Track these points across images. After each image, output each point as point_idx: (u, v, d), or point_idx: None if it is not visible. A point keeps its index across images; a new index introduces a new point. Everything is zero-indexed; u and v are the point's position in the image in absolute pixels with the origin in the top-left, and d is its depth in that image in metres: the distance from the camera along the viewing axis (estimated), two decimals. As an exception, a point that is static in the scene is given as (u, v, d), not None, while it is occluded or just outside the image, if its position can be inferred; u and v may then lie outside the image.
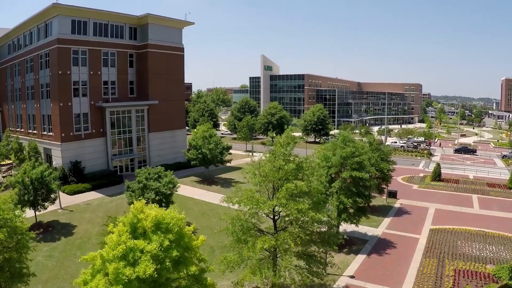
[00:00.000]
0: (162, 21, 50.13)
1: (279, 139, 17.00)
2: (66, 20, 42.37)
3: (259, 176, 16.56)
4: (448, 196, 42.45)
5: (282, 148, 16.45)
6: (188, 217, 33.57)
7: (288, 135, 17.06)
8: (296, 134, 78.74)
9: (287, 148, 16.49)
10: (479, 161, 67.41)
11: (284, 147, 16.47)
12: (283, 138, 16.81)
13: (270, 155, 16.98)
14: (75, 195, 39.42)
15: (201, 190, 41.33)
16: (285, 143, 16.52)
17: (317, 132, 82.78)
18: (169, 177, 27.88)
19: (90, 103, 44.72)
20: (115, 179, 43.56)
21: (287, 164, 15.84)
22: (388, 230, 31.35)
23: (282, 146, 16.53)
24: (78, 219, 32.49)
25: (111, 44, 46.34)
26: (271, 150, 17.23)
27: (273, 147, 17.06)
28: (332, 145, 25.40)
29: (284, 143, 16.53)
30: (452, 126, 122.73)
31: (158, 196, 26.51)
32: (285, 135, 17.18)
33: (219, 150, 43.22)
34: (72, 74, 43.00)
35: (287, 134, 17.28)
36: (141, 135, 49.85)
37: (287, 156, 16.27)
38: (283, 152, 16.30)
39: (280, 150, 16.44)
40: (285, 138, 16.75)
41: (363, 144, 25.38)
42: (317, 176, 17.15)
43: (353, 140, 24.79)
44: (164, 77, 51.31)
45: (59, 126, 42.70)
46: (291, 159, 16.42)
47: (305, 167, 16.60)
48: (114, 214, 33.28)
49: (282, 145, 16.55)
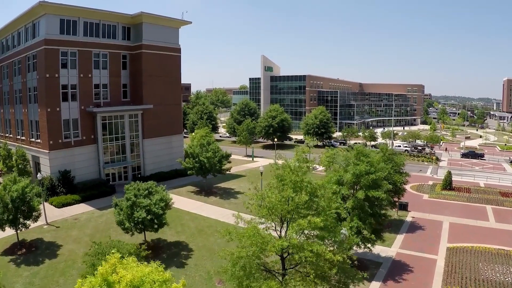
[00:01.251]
0: (157, 20, 47.30)
1: (289, 163, 14.21)
2: (54, 19, 39.56)
3: (265, 208, 13.76)
4: (461, 207, 40.01)
5: (293, 174, 13.68)
6: (184, 235, 31.13)
7: (299, 157, 14.26)
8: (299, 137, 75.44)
9: (299, 173, 13.71)
10: (488, 166, 64.96)
11: (295, 172, 13.72)
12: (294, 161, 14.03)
13: (277, 181, 14.20)
14: (63, 207, 36.71)
15: (198, 203, 38.55)
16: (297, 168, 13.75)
17: (320, 135, 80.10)
18: (161, 194, 25.12)
19: (80, 108, 41.92)
20: (106, 189, 40.79)
21: (298, 195, 13.11)
22: (402, 250, 28.71)
23: (293, 171, 13.79)
24: (64, 238, 29.74)
25: (103, 45, 43.51)
26: (278, 175, 14.41)
27: (281, 171, 14.32)
28: (344, 159, 22.68)
29: (295, 168, 13.77)
30: (455, 128, 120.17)
31: (150, 215, 23.76)
32: (296, 157, 14.38)
33: (218, 159, 40.48)
34: (60, 77, 40.19)
35: (299, 156, 14.48)
36: (135, 142, 47.03)
37: (298, 183, 13.49)
38: (293, 179, 13.53)
39: (290, 176, 13.67)
40: (296, 161, 13.96)
41: (379, 159, 22.63)
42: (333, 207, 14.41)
43: (368, 155, 22.01)
44: (160, 79, 48.51)
45: (46, 133, 39.93)
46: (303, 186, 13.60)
47: (320, 196, 13.87)
48: (103, 231, 30.77)
49: (293, 170, 13.81)
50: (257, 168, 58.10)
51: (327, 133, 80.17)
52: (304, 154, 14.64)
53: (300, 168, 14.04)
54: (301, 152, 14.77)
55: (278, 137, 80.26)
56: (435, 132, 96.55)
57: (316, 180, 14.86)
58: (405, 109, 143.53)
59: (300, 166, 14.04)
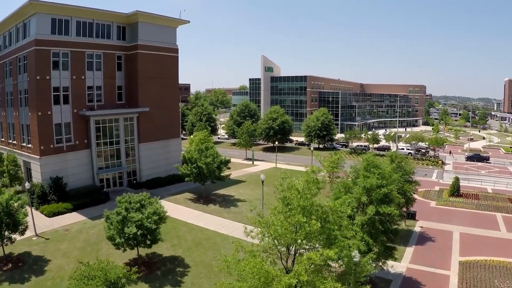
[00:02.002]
0: (153, 19, 45.44)
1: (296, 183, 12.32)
2: (45, 19, 37.69)
3: (269, 237, 11.94)
4: (470, 215, 38.41)
5: (301, 198, 11.82)
6: (180, 249, 29.19)
7: (309, 178, 12.39)
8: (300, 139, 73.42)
9: (308, 196, 11.86)
10: (494, 170, 63.28)
11: (304, 195, 11.89)
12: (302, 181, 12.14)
13: (283, 205, 12.33)
14: (54, 217, 34.90)
15: (196, 212, 36.71)
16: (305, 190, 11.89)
17: (322, 138, 78.30)
18: (154, 206, 23.32)
19: (72, 112, 40.06)
20: (100, 197, 38.98)
21: (308, 223, 11.29)
22: (412, 264, 27.00)
23: (301, 194, 11.96)
24: (53, 251, 27.95)
25: (97, 45, 41.64)
26: (284, 198, 12.52)
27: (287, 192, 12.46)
28: (353, 171, 20.89)
29: (304, 190, 11.92)
30: (458, 129, 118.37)
31: (141, 231, 21.98)
32: (305, 177, 12.50)
33: (217, 165, 38.67)
34: (52, 79, 38.33)
35: (308, 175, 12.61)
36: (130, 146, 45.18)
37: (307, 208, 11.66)
38: (302, 204, 11.68)
39: (298, 201, 11.83)
40: (304, 182, 12.08)
41: (390, 170, 20.84)
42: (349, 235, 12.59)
43: (379, 166, 20.22)
44: (156, 81, 46.68)
45: (37, 138, 38.09)
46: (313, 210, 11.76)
47: (332, 222, 12.06)
48: (94, 244, 28.96)
49: (300, 191, 11.98)
50: (257, 172, 56.37)
51: (329, 135, 78.37)
52: (314, 172, 12.75)
53: (310, 190, 12.20)
54: (311, 171, 12.91)
55: (279, 140, 78.48)
56: (438, 134, 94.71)
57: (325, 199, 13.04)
58: (407, 110, 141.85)
59: (309, 188, 12.20)
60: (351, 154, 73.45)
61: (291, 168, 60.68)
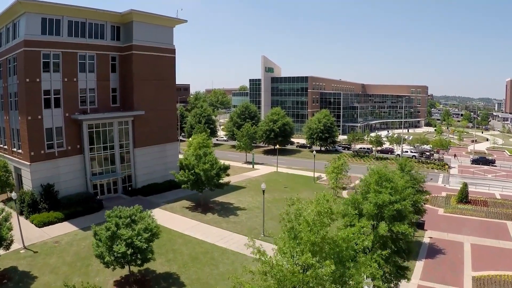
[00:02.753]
0: (149, 18, 43.63)
1: (305, 214, 10.44)
2: (35, 18, 35.91)
3: (272, 280, 10.14)
4: (480, 224, 36.74)
5: (311, 232, 10.01)
6: (175, 264, 27.27)
7: (321, 208, 10.47)
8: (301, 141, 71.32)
9: (320, 231, 10.01)
10: (500, 174, 61.49)
11: (315, 228, 10.07)
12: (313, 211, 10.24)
13: (289, 238, 10.45)
14: (44, 227, 33.16)
15: (193, 221, 34.88)
16: (316, 222, 10.04)
17: (324, 140, 76.51)
18: (146, 221, 21.54)
19: (64, 116, 38.31)
20: (93, 205, 37.21)
21: (321, 264, 9.50)
22: (424, 282, 25.22)
23: (311, 226, 10.14)
24: (41, 266, 26.20)
25: (90, 46, 39.86)
26: (291, 229, 10.68)
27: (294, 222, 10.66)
28: (364, 184, 19.12)
29: (315, 222, 10.07)
30: (461, 130, 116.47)
31: (131, 249, 20.21)
32: (315, 207, 10.58)
33: (215, 171, 36.89)
34: (42, 82, 36.56)
35: (320, 204, 10.68)
36: (125, 151, 43.39)
37: (318, 243, 9.85)
38: (312, 240, 9.87)
39: (307, 235, 10.02)
40: (315, 212, 10.17)
41: (404, 184, 19.04)
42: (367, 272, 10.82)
43: (391, 179, 18.45)
44: (152, 83, 44.91)
45: (27, 143, 36.36)
46: (324, 245, 9.96)
47: (347, 260, 10.24)
48: (84, 258, 27.18)
49: (310, 223, 10.14)
50: (258, 177, 54.62)
51: (331, 137, 76.59)
52: (328, 199, 10.79)
53: (322, 223, 10.35)
54: (323, 197, 10.99)
55: (280, 142, 76.72)
56: (442, 135, 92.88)
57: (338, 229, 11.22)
58: (409, 111, 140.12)
59: (321, 221, 10.34)
60: (354, 157, 71.65)
61: (293, 172, 58.97)
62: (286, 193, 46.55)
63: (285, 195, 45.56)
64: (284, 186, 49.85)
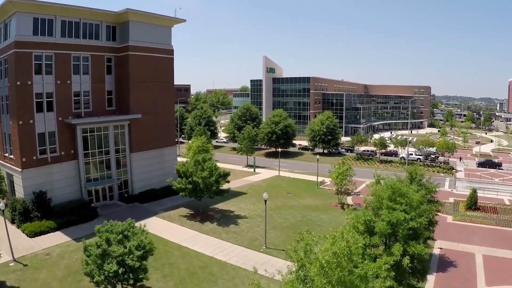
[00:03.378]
0: (146, 18, 42.04)
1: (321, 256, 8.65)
2: (26, 18, 34.38)
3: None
4: (491, 232, 35.20)
5: (324, 276, 8.31)
6: (171, 281, 25.54)
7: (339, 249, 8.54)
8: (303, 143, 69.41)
9: (335, 274, 8.29)
10: (508, 178, 59.80)
11: (330, 270, 8.41)
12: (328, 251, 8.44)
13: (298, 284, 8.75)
14: (36, 237, 31.66)
15: (191, 232, 33.23)
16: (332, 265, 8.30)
17: (326, 143, 74.87)
18: (139, 237, 19.95)
19: (57, 120, 36.78)
20: (87, 213, 35.66)
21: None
22: (437, 299, 23.65)
23: (325, 268, 8.47)
24: (30, 281, 24.68)
25: (84, 47, 38.31)
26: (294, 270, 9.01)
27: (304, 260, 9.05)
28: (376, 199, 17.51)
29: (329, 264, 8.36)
30: (465, 132, 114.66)
31: (122, 268, 18.64)
32: (332, 246, 8.71)
33: (215, 178, 35.29)
34: (34, 85, 35.04)
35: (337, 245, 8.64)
36: (121, 156, 41.81)
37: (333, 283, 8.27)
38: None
39: (321, 281, 8.36)
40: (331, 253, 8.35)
41: (419, 198, 17.41)
42: None
43: (406, 194, 16.83)
44: (149, 85, 43.33)
45: (19, 149, 34.85)
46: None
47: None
48: (76, 273, 25.57)
49: (325, 267, 8.41)
50: (259, 182, 52.98)
51: (334, 140, 74.92)
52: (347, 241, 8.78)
53: (339, 265, 8.68)
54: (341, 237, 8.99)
55: (282, 145, 75.11)
56: (446, 137, 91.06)
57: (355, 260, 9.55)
58: (412, 111, 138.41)
59: (338, 263, 8.66)
60: (358, 161, 69.97)
61: (295, 177, 57.29)
62: (289, 199, 44.92)
63: (288, 201, 44.05)
64: (286, 192, 48.24)
